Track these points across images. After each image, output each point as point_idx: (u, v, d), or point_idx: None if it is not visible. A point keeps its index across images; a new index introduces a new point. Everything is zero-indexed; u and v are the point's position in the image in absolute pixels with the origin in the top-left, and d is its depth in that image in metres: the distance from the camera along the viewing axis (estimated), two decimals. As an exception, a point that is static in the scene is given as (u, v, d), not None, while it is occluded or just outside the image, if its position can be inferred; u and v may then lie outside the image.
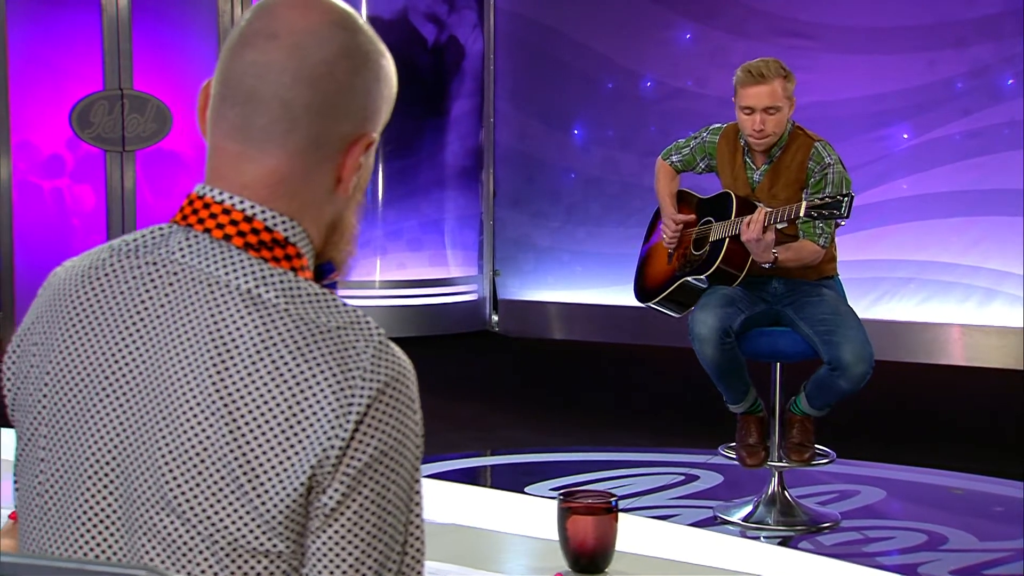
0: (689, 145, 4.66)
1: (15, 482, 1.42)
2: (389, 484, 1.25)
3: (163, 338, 1.28)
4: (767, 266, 4.23)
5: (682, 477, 5.11)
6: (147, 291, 1.30)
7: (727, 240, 4.36)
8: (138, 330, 1.30)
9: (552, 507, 1.97)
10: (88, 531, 1.30)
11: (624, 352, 7.98)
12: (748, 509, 4.57)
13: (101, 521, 1.29)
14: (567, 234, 8.56)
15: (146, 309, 1.30)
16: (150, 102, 7.52)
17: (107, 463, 1.29)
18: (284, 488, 1.22)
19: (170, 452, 1.25)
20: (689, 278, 4.51)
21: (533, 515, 2.48)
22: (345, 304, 1.29)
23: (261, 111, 1.30)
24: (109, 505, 1.29)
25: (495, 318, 8.81)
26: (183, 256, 1.30)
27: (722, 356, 4.31)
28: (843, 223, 4.08)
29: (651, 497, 4.84)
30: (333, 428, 1.22)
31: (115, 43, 7.43)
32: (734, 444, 4.62)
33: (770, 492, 4.57)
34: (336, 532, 1.24)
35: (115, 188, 7.50)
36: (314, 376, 1.23)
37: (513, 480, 5.16)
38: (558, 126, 8.55)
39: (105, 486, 1.29)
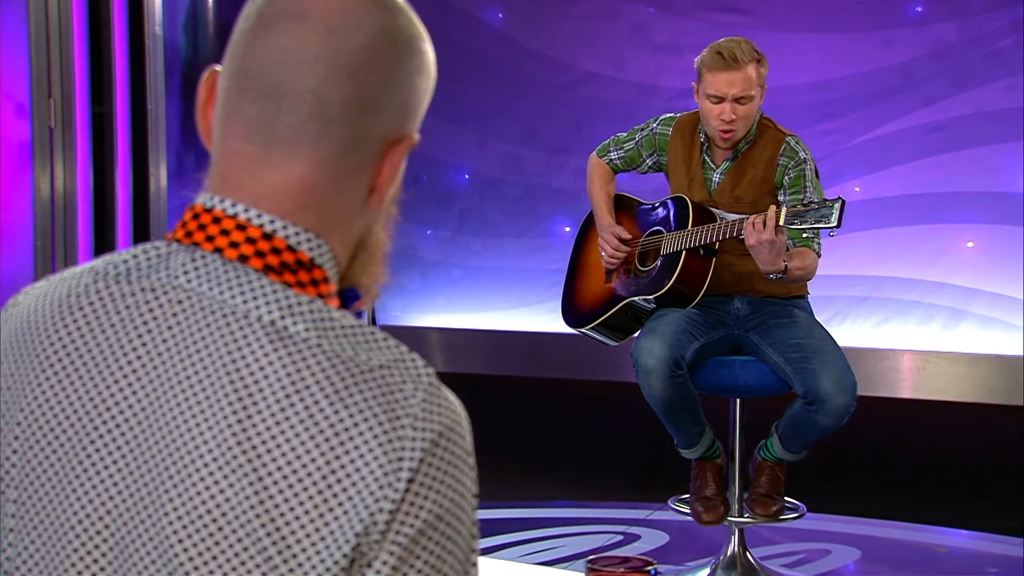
0: (633, 139, 4.70)
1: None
2: (445, 555, 1.25)
3: (167, 380, 1.27)
4: (774, 277, 4.22)
5: (620, 536, 5.16)
6: (145, 323, 1.29)
7: (684, 254, 4.40)
8: (134, 370, 1.28)
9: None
10: None
11: (533, 387, 7.96)
12: (704, 573, 4.62)
13: None
14: (460, 246, 8.55)
15: (144, 345, 1.29)
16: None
17: (99, 532, 1.27)
18: (322, 561, 1.22)
19: (179, 518, 1.24)
20: (636, 298, 4.54)
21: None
22: (387, 338, 1.29)
23: (289, 107, 1.30)
24: (101, 584, 1.28)
25: (372, 348, 8.74)
26: (189, 281, 1.29)
27: (672, 392, 4.33)
28: (833, 234, 4.12)
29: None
30: (381, 488, 1.22)
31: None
32: (687, 497, 4.66)
33: (729, 553, 4.63)
34: None
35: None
36: (356, 425, 1.23)
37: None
38: (449, 118, 8.54)
39: (96, 560, 1.27)
